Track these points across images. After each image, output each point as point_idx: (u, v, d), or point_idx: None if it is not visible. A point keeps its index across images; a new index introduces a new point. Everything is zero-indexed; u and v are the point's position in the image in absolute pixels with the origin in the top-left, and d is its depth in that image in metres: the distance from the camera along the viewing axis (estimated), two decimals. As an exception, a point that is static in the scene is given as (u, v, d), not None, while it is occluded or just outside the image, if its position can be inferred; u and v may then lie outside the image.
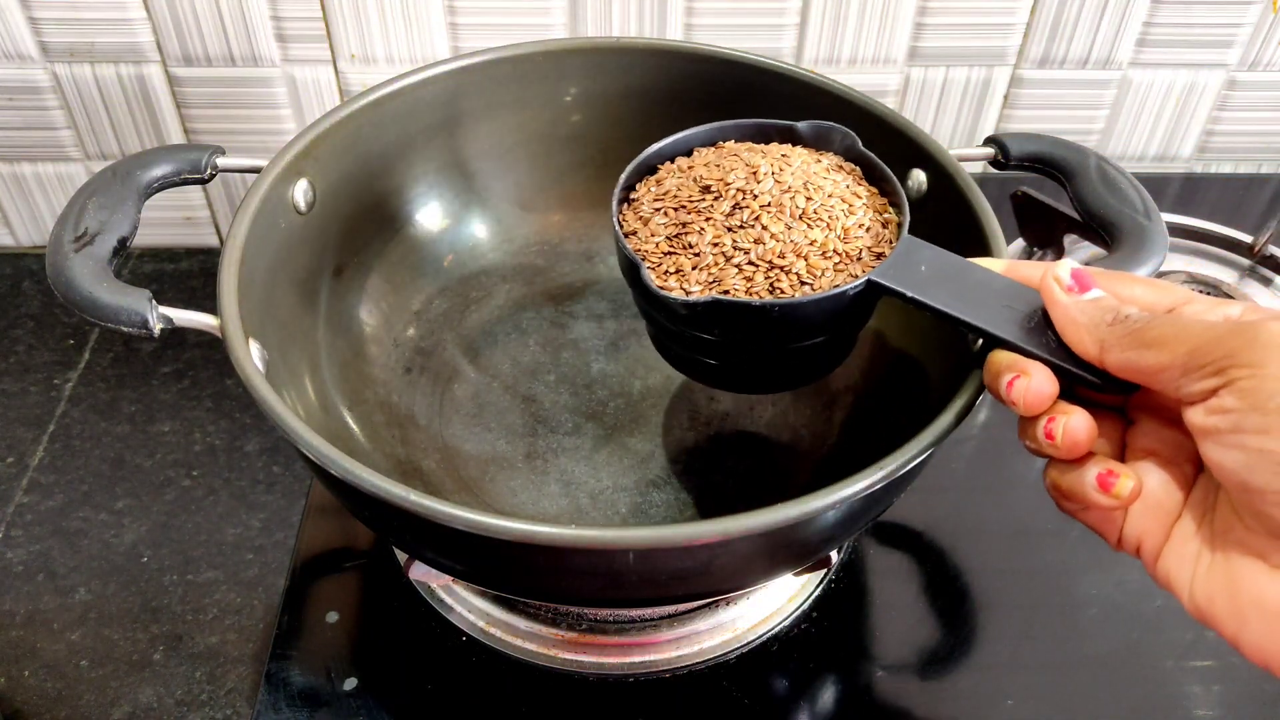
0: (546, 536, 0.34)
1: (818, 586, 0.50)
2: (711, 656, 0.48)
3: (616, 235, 0.41)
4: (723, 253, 0.39)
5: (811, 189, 0.40)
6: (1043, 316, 0.35)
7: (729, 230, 0.39)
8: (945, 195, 0.47)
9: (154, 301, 0.40)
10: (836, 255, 0.39)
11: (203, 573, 0.52)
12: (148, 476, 0.57)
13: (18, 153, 0.67)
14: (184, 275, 0.69)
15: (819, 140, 0.43)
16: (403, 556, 0.49)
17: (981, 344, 0.38)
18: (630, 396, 0.54)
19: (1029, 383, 0.33)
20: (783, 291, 0.38)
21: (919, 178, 0.48)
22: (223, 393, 0.61)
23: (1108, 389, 0.34)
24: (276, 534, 0.54)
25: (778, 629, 0.49)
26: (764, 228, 0.39)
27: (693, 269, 0.39)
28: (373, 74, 0.65)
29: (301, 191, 0.48)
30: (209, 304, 0.40)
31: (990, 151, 0.49)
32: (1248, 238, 0.66)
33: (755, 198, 0.39)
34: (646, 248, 0.40)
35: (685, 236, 0.40)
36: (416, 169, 0.55)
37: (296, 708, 0.45)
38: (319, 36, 0.63)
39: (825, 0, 0.63)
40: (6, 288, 0.68)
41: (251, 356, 0.39)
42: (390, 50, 0.64)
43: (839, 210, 0.40)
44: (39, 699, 0.47)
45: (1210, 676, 0.48)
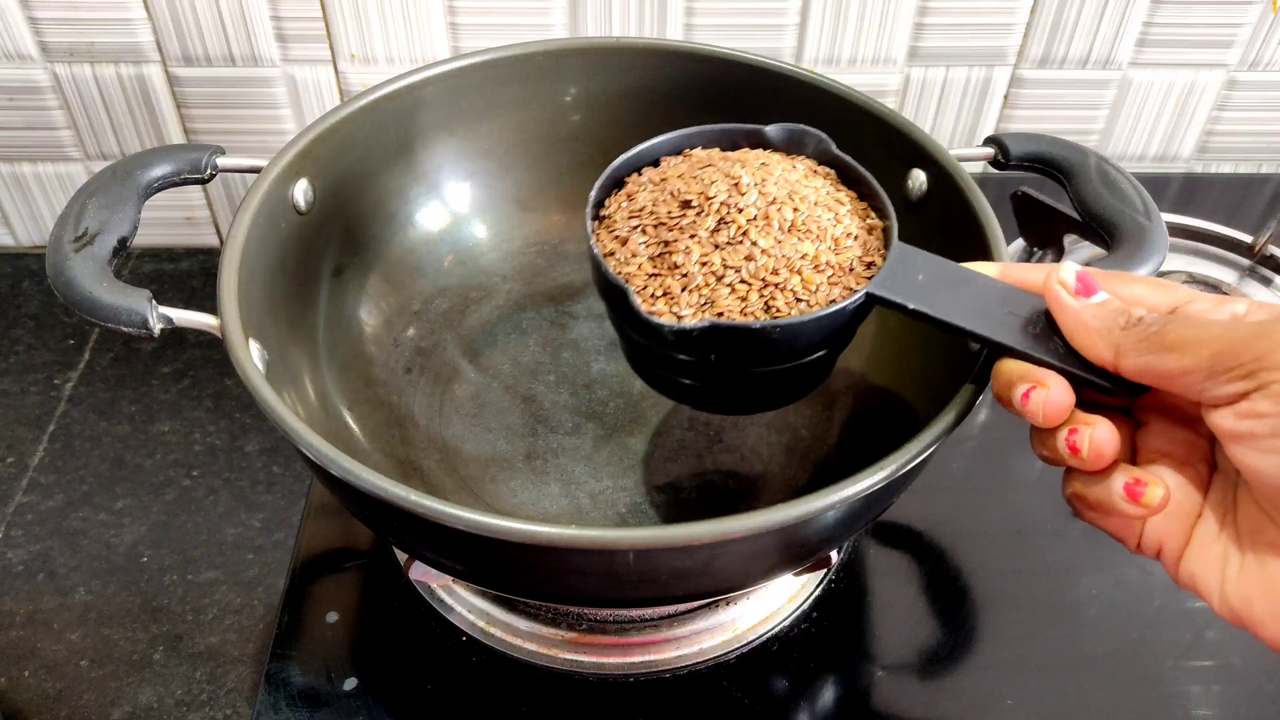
0: (546, 536, 0.34)
1: (818, 586, 0.50)
2: (711, 656, 0.48)
3: (596, 259, 0.38)
4: (713, 272, 0.37)
5: (797, 199, 0.38)
6: (1046, 321, 0.34)
7: (716, 248, 0.37)
8: (945, 195, 0.47)
9: (154, 301, 0.40)
10: (830, 268, 0.37)
11: (203, 573, 0.52)
12: (148, 476, 0.57)
13: (18, 153, 0.67)
14: (184, 275, 0.69)
15: (791, 144, 0.42)
16: (403, 556, 0.49)
17: (982, 348, 0.38)
18: (630, 396, 0.54)
19: (1047, 394, 0.32)
20: (779, 310, 0.36)
21: (919, 178, 0.48)
22: (223, 393, 0.61)
23: (1118, 393, 0.33)
24: (276, 534, 0.54)
25: (778, 629, 0.49)
26: (753, 243, 0.37)
27: (682, 291, 0.37)
28: (373, 74, 0.65)
29: (301, 191, 0.48)
30: (209, 304, 0.40)
31: (990, 151, 0.49)
32: (1248, 238, 0.66)
33: (740, 211, 0.37)
34: (629, 270, 0.38)
35: (669, 256, 0.38)
36: (416, 169, 0.55)
37: (296, 708, 0.45)
38: (319, 36, 0.63)
39: (825, 0, 0.63)
40: (6, 288, 0.68)
41: (251, 356, 0.39)
42: (390, 50, 0.64)
43: (826, 220, 0.38)
44: (39, 699, 0.47)
45: (1210, 676, 0.48)
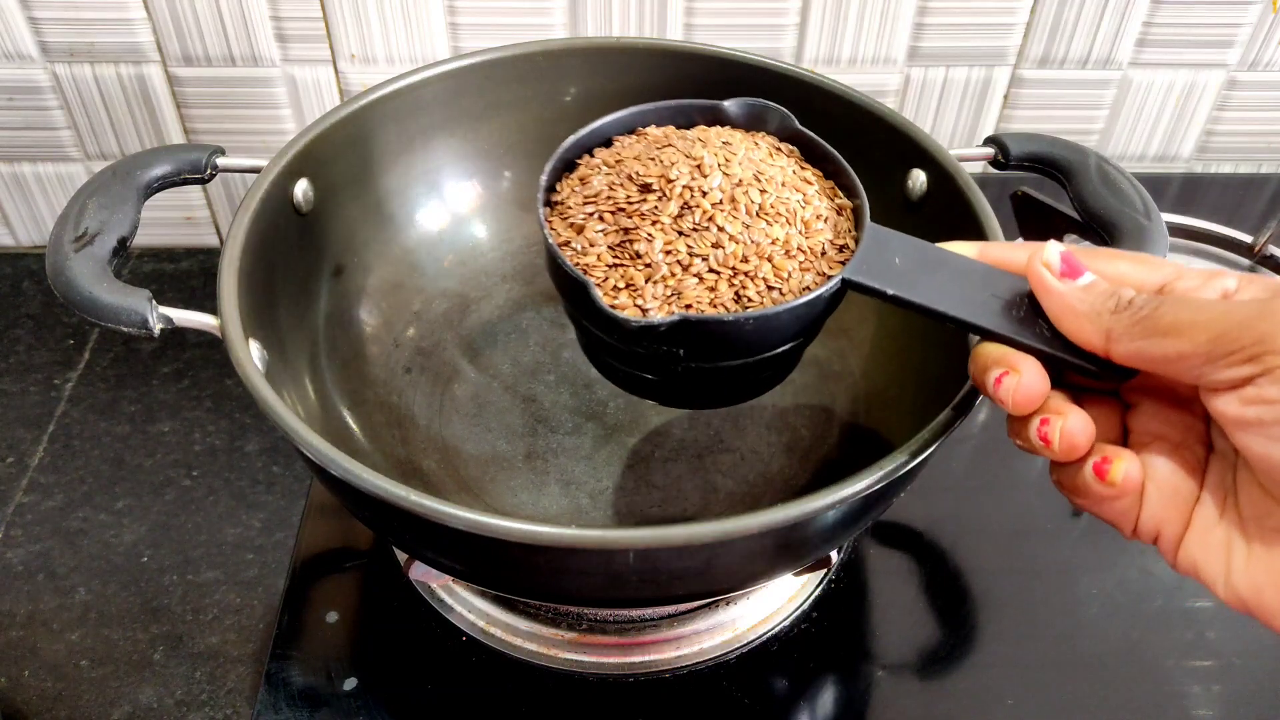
0: (547, 536, 0.34)
1: (818, 586, 0.50)
2: (711, 656, 0.48)
3: (552, 250, 0.36)
4: (678, 261, 0.35)
5: (763, 180, 0.36)
6: (1030, 303, 0.33)
7: (681, 235, 0.35)
8: (945, 195, 0.47)
9: (154, 301, 0.40)
10: (801, 253, 0.36)
11: (203, 573, 0.52)
12: (148, 476, 0.57)
13: (18, 153, 0.67)
14: (184, 275, 0.69)
15: (752, 120, 0.40)
16: (403, 556, 0.49)
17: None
18: (630, 396, 0.54)
19: (1018, 381, 0.31)
20: (750, 299, 0.35)
21: (919, 178, 0.48)
22: (223, 393, 0.61)
23: (1105, 377, 0.32)
24: (276, 534, 0.54)
25: (778, 629, 0.49)
26: (720, 229, 0.35)
27: (646, 282, 0.35)
28: (373, 74, 0.65)
29: (301, 191, 0.48)
30: (209, 304, 0.40)
31: (990, 151, 0.49)
32: (1248, 238, 0.66)
33: (704, 195, 0.35)
34: (587, 260, 0.36)
35: (631, 245, 0.35)
36: (416, 169, 0.55)
37: (296, 708, 0.45)
38: (319, 36, 0.63)
39: (825, 0, 0.63)
40: (6, 288, 0.68)
41: (251, 356, 0.39)
42: (390, 50, 0.64)
43: (795, 201, 0.36)
44: (39, 699, 0.47)
45: (1210, 676, 0.48)
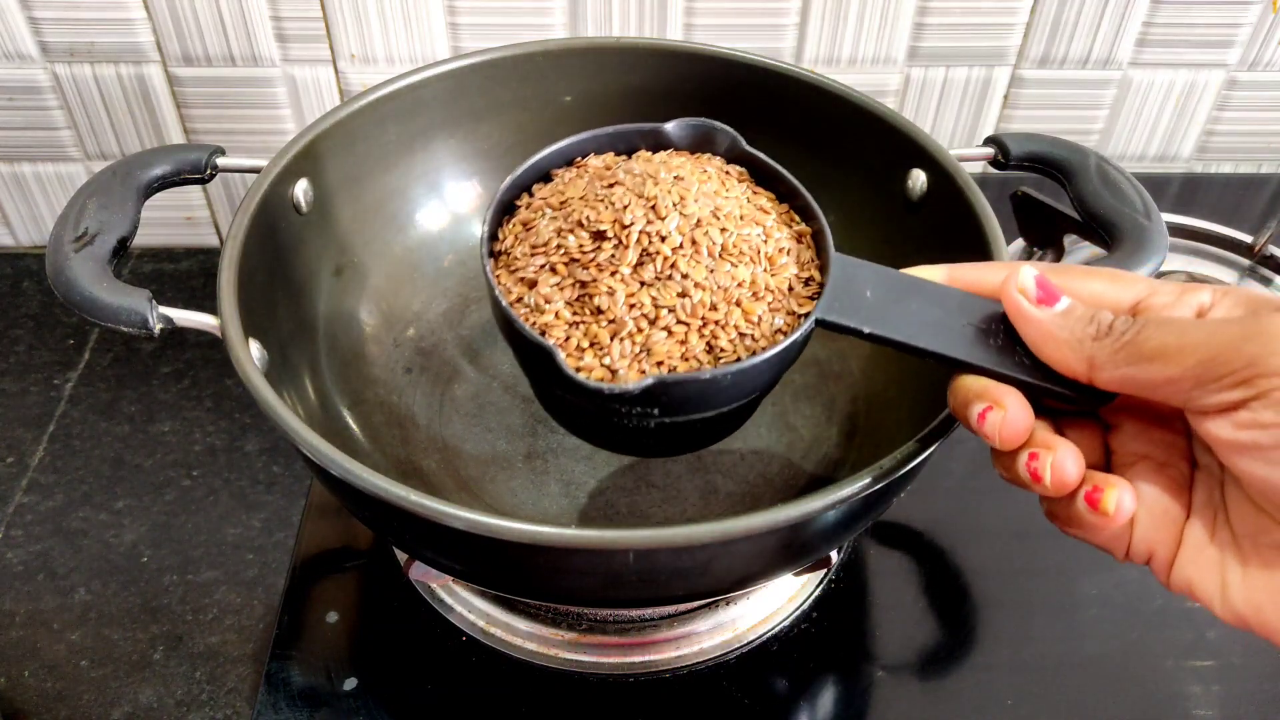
0: (546, 537, 0.34)
1: (818, 586, 0.50)
2: (711, 656, 0.48)
3: (507, 314, 0.33)
4: (644, 315, 0.33)
5: (722, 216, 0.34)
6: (1005, 329, 0.32)
7: (644, 285, 0.33)
8: (945, 195, 0.47)
9: (154, 301, 0.40)
10: (769, 293, 0.34)
11: (203, 573, 0.52)
12: (148, 476, 0.57)
13: (18, 153, 0.67)
14: (184, 275, 0.69)
15: (698, 143, 0.38)
16: (403, 556, 0.49)
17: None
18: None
19: (1004, 416, 0.30)
20: (723, 349, 0.33)
21: (919, 178, 0.48)
22: (223, 393, 0.61)
23: (1085, 404, 0.32)
24: (276, 534, 0.54)
25: (778, 629, 0.49)
26: (684, 276, 0.33)
27: (611, 339, 0.33)
28: (373, 74, 0.65)
29: (301, 191, 0.48)
30: (209, 304, 0.40)
31: (990, 151, 0.49)
32: (1248, 238, 0.66)
33: (664, 240, 0.33)
34: (545, 320, 0.33)
35: (590, 299, 0.33)
36: (416, 169, 0.55)
37: (296, 708, 0.45)
38: (319, 36, 0.63)
39: (825, 0, 0.63)
40: (6, 288, 0.68)
41: (251, 356, 0.39)
42: (390, 50, 0.64)
43: (756, 237, 0.35)
44: (39, 699, 0.47)
45: (1210, 676, 0.48)
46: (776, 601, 0.50)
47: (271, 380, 0.38)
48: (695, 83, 0.53)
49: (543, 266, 0.34)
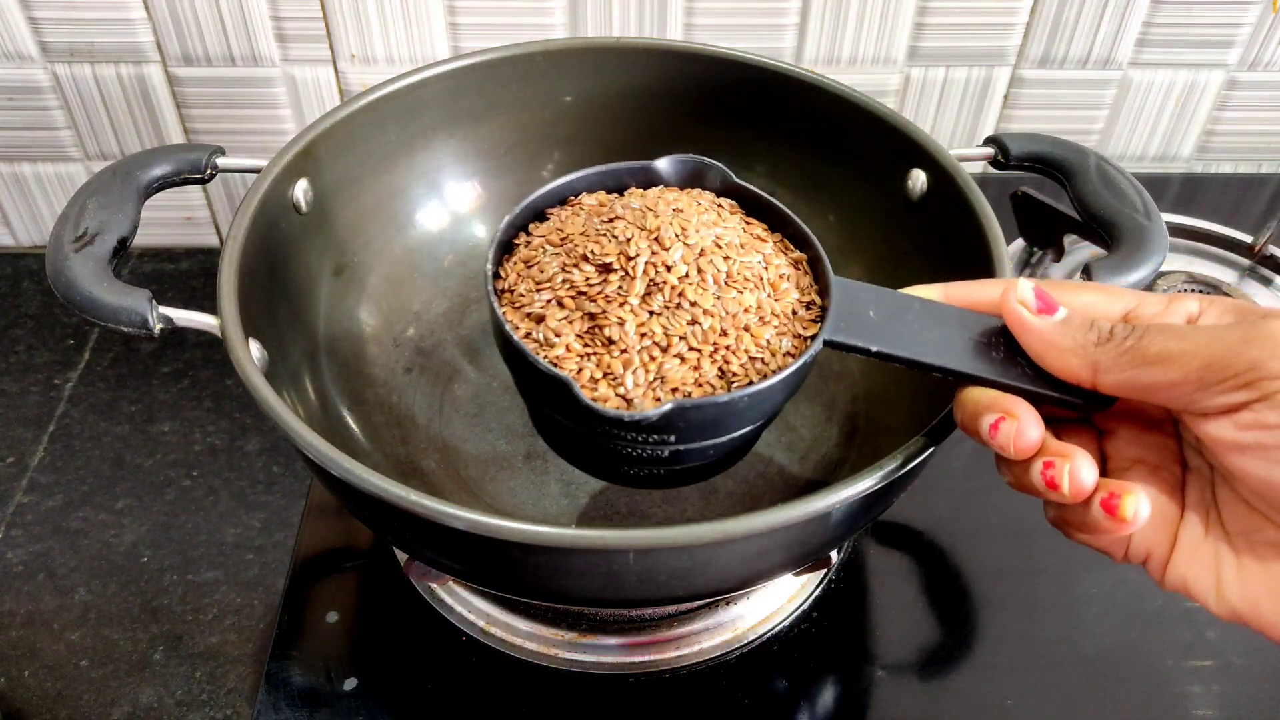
0: (546, 537, 0.34)
1: (818, 586, 0.50)
2: (712, 656, 0.48)
3: (519, 349, 0.34)
4: (655, 343, 0.33)
5: (724, 245, 0.35)
6: (1005, 341, 0.33)
7: (652, 314, 0.34)
8: (945, 195, 0.47)
9: (154, 301, 0.40)
10: (775, 317, 0.34)
11: (203, 573, 0.52)
12: (148, 476, 0.57)
13: (18, 153, 0.67)
14: (184, 275, 0.69)
15: (688, 179, 0.38)
16: (403, 556, 0.49)
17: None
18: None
19: (1017, 427, 0.31)
20: (735, 374, 0.34)
21: (919, 178, 0.48)
22: (223, 393, 0.61)
23: (1086, 410, 0.32)
24: (276, 534, 0.54)
25: (778, 629, 0.49)
26: (693, 304, 0.33)
27: (625, 370, 0.33)
28: (373, 74, 0.65)
29: (301, 191, 0.48)
30: (209, 304, 0.40)
31: (990, 151, 0.49)
32: (1248, 238, 0.66)
33: (670, 269, 0.34)
34: (556, 353, 0.34)
35: (601, 331, 0.34)
36: (416, 169, 0.55)
37: (296, 708, 0.45)
38: (319, 36, 0.63)
39: (825, 0, 0.63)
40: (6, 288, 0.68)
41: (251, 356, 0.39)
42: (390, 50, 0.64)
43: (757, 264, 0.35)
44: (39, 699, 0.47)
45: (1210, 676, 0.48)
46: (776, 601, 0.50)
47: (271, 380, 0.38)
48: (695, 83, 0.53)
49: (549, 301, 0.35)
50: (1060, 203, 0.49)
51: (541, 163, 0.57)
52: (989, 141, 0.49)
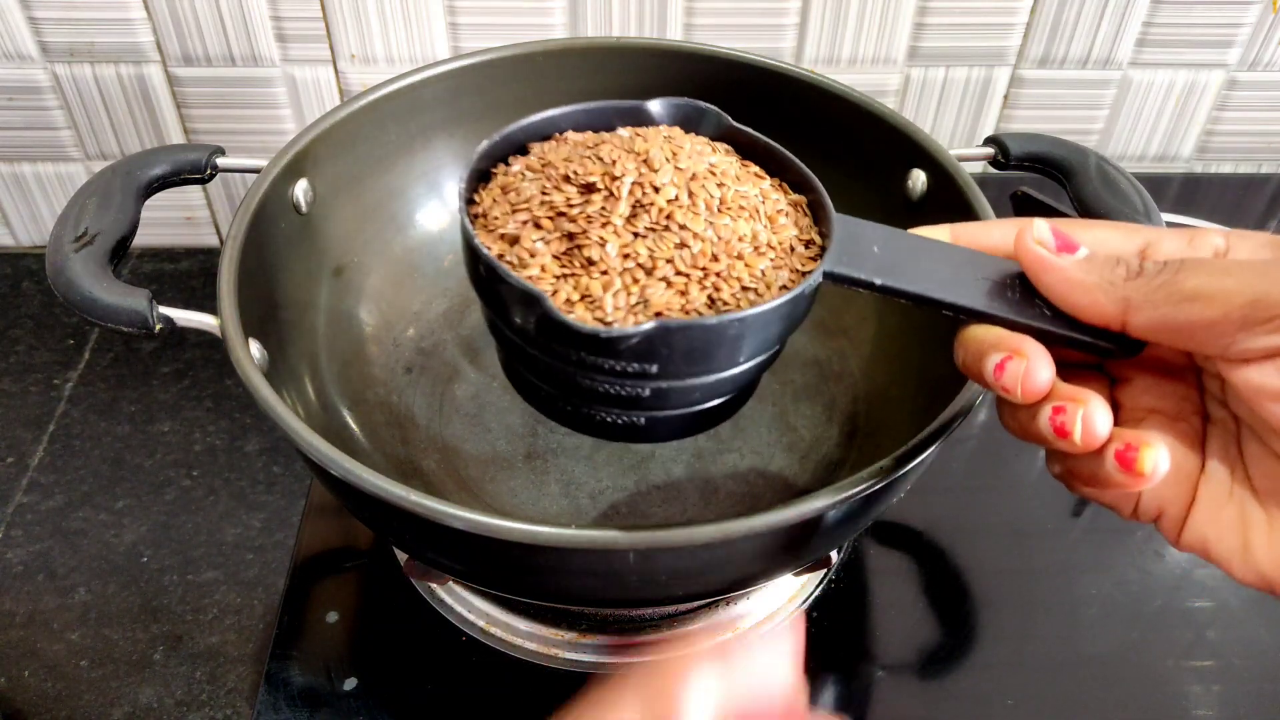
0: (547, 537, 0.34)
1: (818, 586, 0.50)
2: (711, 656, 0.48)
3: (486, 259, 0.31)
4: (639, 265, 0.31)
5: (718, 173, 0.33)
6: (1021, 284, 0.31)
7: (637, 236, 0.31)
8: (945, 195, 0.47)
9: (154, 301, 0.40)
10: (771, 249, 0.32)
11: (203, 573, 0.52)
12: (148, 476, 0.57)
13: (18, 153, 0.67)
14: (184, 275, 0.69)
15: (682, 123, 0.36)
16: (403, 556, 0.49)
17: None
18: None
19: (1025, 366, 0.28)
20: (725, 302, 0.31)
21: (919, 178, 0.48)
22: (223, 393, 0.61)
23: (1115, 354, 0.30)
24: (276, 534, 0.54)
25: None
26: (683, 227, 0.31)
27: (605, 292, 0.30)
28: (373, 74, 0.65)
29: (301, 191, 0.48)
30: (209, 304, 0.40)
31: (990, 151, 0.49)
32: (1248, 238, 0.66)
33: (658, 191, 0.31)
34: (530, 273, 0.31)
35: (580, 251, 0.31)
36: (416, 169, 0.55)
37: (296, 708, 0.45)
38: (319, 36, 0.63)
39: (825, 0, 0.63)
40: (6, 288, 0.68)
41: (251, 356, 0.39)
42: (390, 50, 0.64)
43: (754, 196, 0.33)
44: (39, 699, 0.47)
45: (1210, 676, 0.48)
46: (776, 601, 0.50)
47: (271, 380, 0.38)
48: (695, 83, 0.53)
49: (525, 223, 0.32)
50: (1060, 203, 0.49)
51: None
52: (989, 141, 0.49)
